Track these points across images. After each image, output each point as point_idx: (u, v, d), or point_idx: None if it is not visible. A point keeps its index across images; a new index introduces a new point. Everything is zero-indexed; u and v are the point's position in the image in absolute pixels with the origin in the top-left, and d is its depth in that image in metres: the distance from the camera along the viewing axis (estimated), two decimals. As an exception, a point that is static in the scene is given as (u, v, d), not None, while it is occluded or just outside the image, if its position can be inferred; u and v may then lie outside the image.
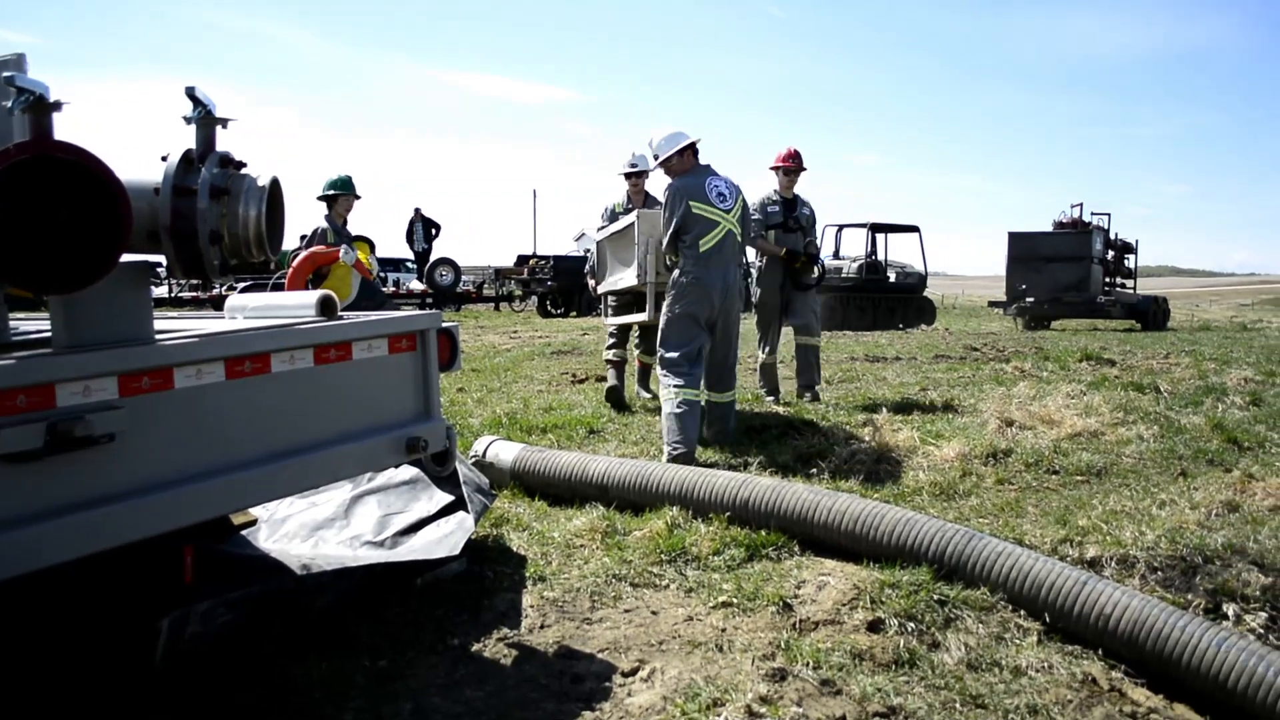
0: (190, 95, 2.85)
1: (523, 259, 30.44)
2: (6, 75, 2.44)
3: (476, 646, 3.53)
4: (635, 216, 7.52)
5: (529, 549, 4.50)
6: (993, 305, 31.86)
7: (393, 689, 3.16)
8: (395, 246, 30.52)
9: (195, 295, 25.21)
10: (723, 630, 3.58)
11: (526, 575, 4.16)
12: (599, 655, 3.43)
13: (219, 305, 4.37)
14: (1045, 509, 5.10)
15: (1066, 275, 26.73)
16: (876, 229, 27.24)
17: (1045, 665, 3.29)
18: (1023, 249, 27.99)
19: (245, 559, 4.16)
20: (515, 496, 5.40)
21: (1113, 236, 29.66)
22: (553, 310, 27.21)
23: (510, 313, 29.02)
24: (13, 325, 3.16)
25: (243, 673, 3.25)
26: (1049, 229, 29.31)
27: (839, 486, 5.40)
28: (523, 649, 3.50)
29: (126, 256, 2.54)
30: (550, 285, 26.95)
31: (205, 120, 2.87)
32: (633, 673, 3.27)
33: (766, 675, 3.13)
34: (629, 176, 8.83)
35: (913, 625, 3.51)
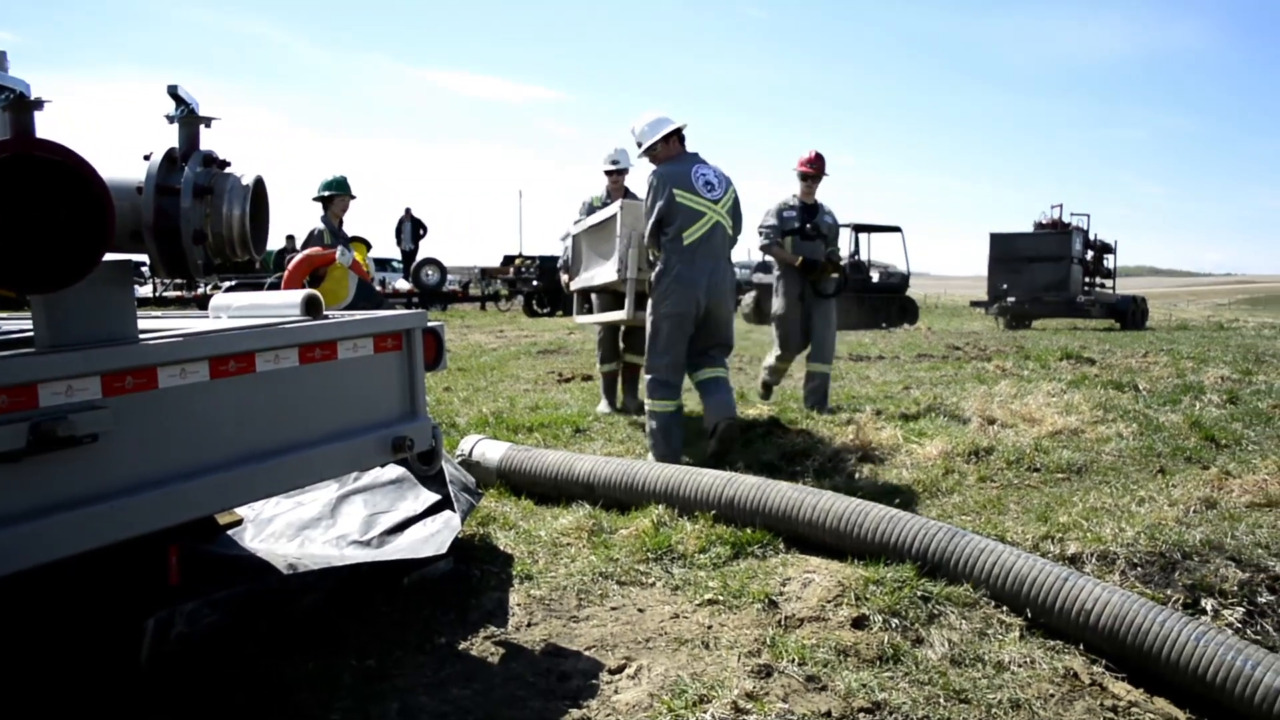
0: (173, 94, 2.84)
1: (508, 259, 30.40)
2: (-12, 74, 2.44)
3: (463, 645, 3.53)
4: (618, 207, 7.08)
5: (516, 548, 4.50)
6: (974, 305, 32.00)
7: (380, 688, 3.15)
8: (381, 246, 30.46)
9: (179, 294, 25.11)
10: (709, 627, 3.59)
11: (513, 574, 4.16)
12: (586, 653, 3.43)
13: (203, 304, 4.35)
14: (1027, 506, 5.13)
15: (1047, 275, 26.88)
16: (859, 229, 27.30)
17: (1027, 660, 3.31)
18: (1004, 249, 28.15)
19: (231, 559, 4.15)
20: (502, 495, 5.40)
21: (1092, 237, 29.84)
22: (538, 310, 27.19)
23: (496, 312, 28.98)
24: (-5, 325, 3.15)
25: (229, 673, 3.24)
26: (1030, 230, 29.47)
27: (823, 484, 5.42)
28: (510, 647, 3.50)
29: (109, 256, 2.54)
30: (536, 285, 26.94)
31: (188, 119, 2.86)
32: (619, 670, 3.28)
33: (752, 672, 3.14)
34: (610, 174, 8.55)
35: (897, 621, 3.53)
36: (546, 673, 3.28)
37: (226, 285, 19.60)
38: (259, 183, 2.92)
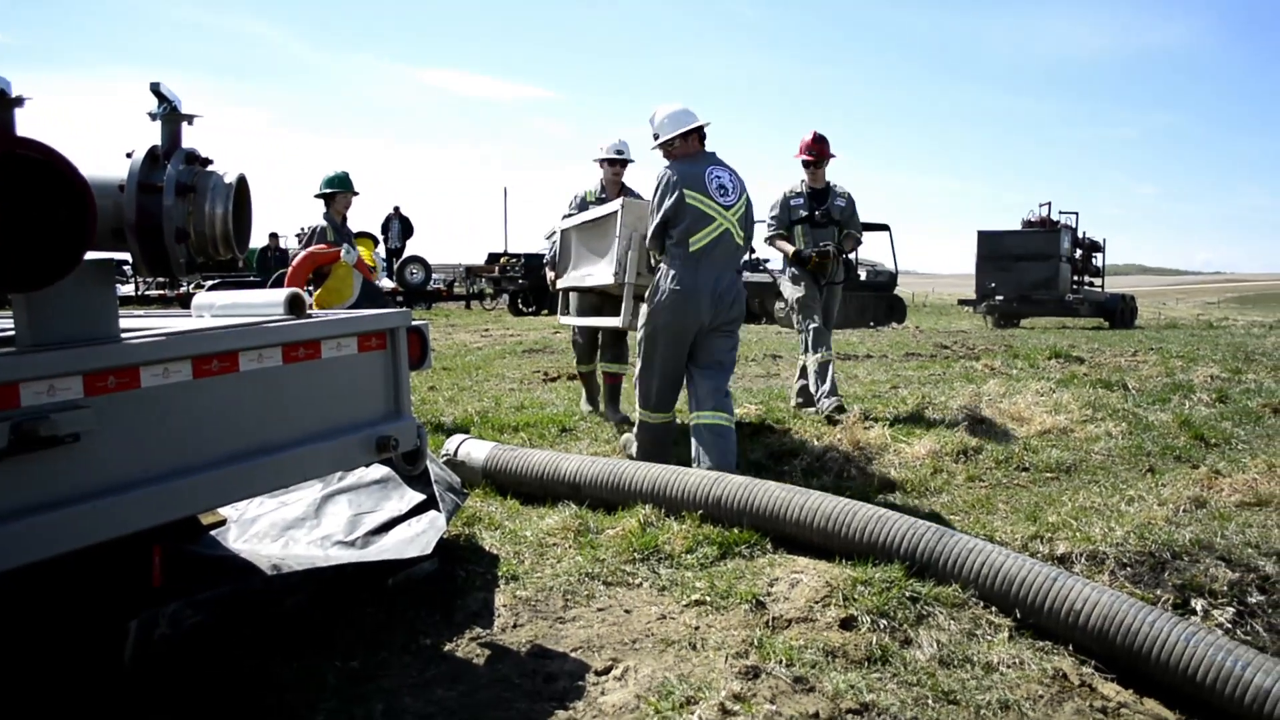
0: (155, 91, 2.82)
1: (494, 257, 30.34)
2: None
3: (449, 646, 3.51)
4: (619, 205, 6.48)
5: (501, 548, 4.48)
6: (963, 303, 32.08)
7: (364, 689, 3.14)
8: (370, 245, 30.37)
9: (162, 293, 25.02)
10: (696, 628, 3.57)
11: (499, 574, 4.14)
12: (572, 654, 3.42)
13: (186, 303, 4.32)
14: (1015, 506, 5.13)
15: (1035, 274, 26.98)
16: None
17: (1016, 661, 3.31)
18: (992, 248, 28.23)
19: (215, 559, 4.12)
20: (487, 495, 5.38)
21: (1081, 235, 29.96)
22: (524, 308, 27.14)
23: (481, 311, 28.93)
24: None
25: (213, 674, 3.22)
26: (1018, 228, 29.55)
27: (811, 484, 5.41)
28: (495, 648, 3.49)
29: (91, 254, 2.51)
30: (521, 283, 26.89)
31: (171, 116, 2.84)
32: (606, 671, 3.26)
33: (740, 673, 3.12)
34: (610, 163, 7.76)
35: (885, 622, 3.52)
36: (532, 674, 3.27)
37: (209, 284, 19.54)
38: (241, 181, 2.90)
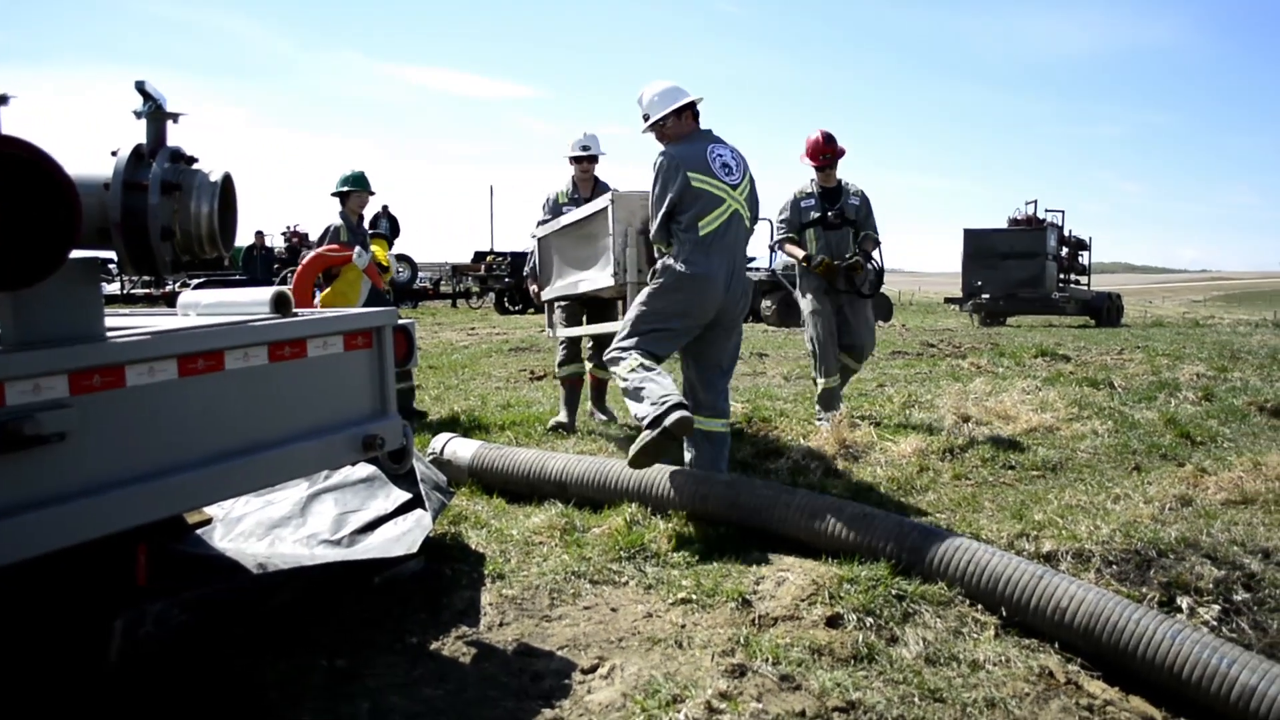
0: (140, 89, 2.80)
1: (480, 255, 30.32)
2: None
3: (435, 645, 3.50)
4: (609, 199, 6.01)
5: (487, 546, 4.48)
6: (949, 302, 32.17)
7: (350, 688, 3.13)
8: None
9: (147, 292, 24.92)
10: (682, 627, 3.57)
11: (485, 573, 4.14)
12: (558, 653, 3.41)
13: (171, 302, 4.30)
14: (1002, 504, 5.14)
15: (1021, 272, 27.06)
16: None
17: (1002, 659, 3.32)
18: (978, 246, 28.31)
19: (200, 558, 4.11)
20: (473, 494, 5.37)
21: (1067, 233, 30.06)
22: (510, 307, 27.13)
23: (467, 309, 28.90)
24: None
25: (198, 673, 3.21)
26: (1004, 226, 29.63)
27: (797, 483, 5.42)
28: (482, 647, 3.48)
29: (76, 253, 2.50)
30: (507, 282, 26.88)
31: (156, 115, 2.82)
32: (592, 670, 3.26)
33: (726, 671, 3.12)
34: (578, 161, 7.57)
35: (871, 620, 3.52)
36: (519, 672, 3.26)
37: (195, 282, 19.47)
38: (227, 179, 2.88)
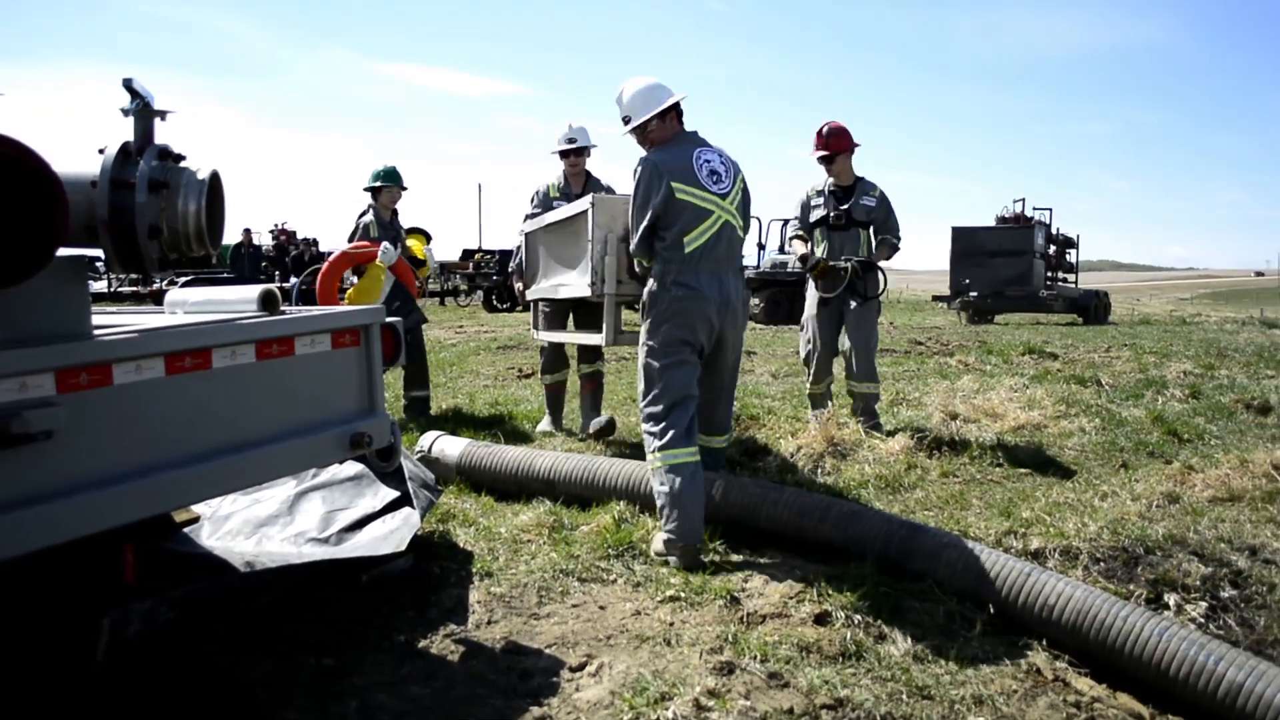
0: (128, 87, 2.79)
1: (468, 253, 30.28)
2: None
3: (423, 643, 3.50)
4: (588, 203, 5.64)
5: (476, 545, 4.48)
6: (937, 299, 32.24)
7: (338, 687, 3.12)
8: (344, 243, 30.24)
9: (135, 290, 24.82)
10: (670, 624, 3.58)
11: (473, 571, 4.14)
12: (547, 650, 3.41)
13: (159, 300, 4.29)
14: (989, 501, 5.16)
15: (1009, 270, 27.12)
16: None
17: (990, 656, 3.33)
18: (966, 244, 28.37)
19: (188, 557, 4.10)
20: (461, 492, 5.37)
21: (1054, 231, 30.15)
22: (498, 305, 27.10)
23: (456, 307, 28.87)
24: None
25: (186, 672, 3.20)
26: (992, 224, 29.70)
27: (785, 480, 5.42)
28: (470, 645, 3.48)
29: (64, 250, 2.49)
30: (495, 280, 26.85)
31: (143, 112, 2.81)
32: (580, 668, 3.26)
33: (714, 669, 3.13)
34: (564, 154, 7.24)
35: (859, 618, 3.53)
36: (507, 671, 3.26)
37: (182, 280, 19.40)
38: (215, 177, 2.87)
